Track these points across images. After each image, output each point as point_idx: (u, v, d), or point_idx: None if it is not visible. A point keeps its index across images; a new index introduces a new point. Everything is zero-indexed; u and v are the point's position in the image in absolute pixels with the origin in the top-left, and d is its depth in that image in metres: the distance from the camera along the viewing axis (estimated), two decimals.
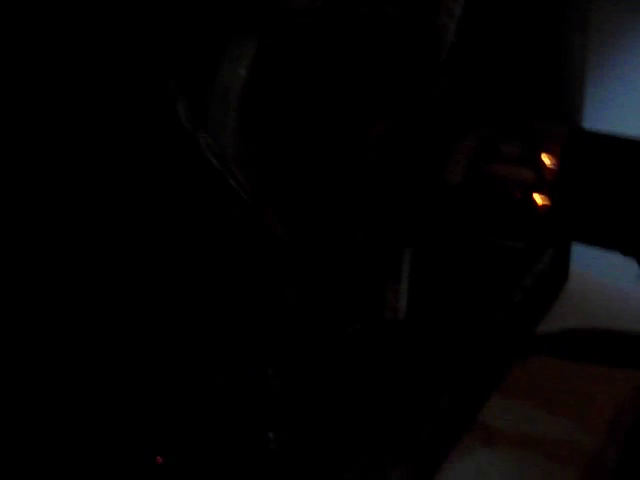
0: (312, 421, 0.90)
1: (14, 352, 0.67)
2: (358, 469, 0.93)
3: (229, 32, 0.79)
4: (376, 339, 0.86)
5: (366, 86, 0.79)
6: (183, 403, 0.81)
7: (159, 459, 0.80)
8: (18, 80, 0.66)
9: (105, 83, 0.73)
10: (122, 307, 0.74)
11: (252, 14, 0.79)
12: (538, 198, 0.77)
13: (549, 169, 0.76)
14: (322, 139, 0.78)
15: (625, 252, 0.75)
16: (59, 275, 0.70)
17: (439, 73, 0.78)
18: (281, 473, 0.87)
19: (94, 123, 0.73)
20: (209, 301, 0.79)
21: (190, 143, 0.76)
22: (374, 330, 0.86)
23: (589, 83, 1.18)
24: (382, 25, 0.78)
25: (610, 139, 0.78)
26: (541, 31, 0.96)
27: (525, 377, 1.19)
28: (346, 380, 0.91)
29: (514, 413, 1.14)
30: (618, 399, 1.17)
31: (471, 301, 1.03)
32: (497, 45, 0.88)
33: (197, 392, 0.82)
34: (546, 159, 0.77)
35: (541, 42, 0.96)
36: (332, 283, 0.84)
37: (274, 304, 0.84)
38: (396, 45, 0.79)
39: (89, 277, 0.72)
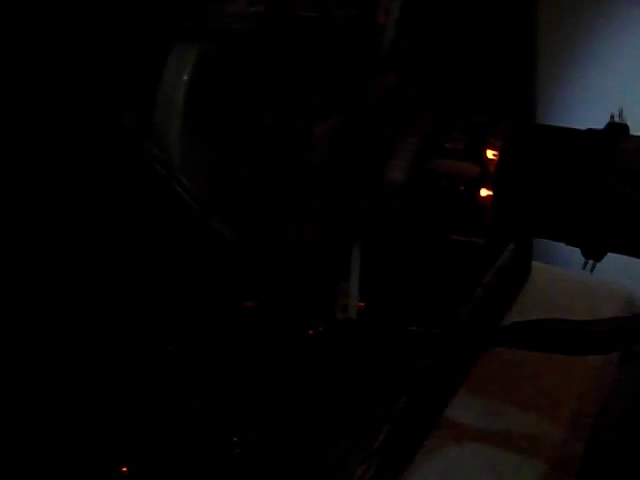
0: (276, 422, 0.90)
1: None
2: (324, 468, 0.93)
3: (169, 40, 0.79)
4: (332, 339, 0.87)
5: (309, 86, 0.80)
6: (146, 410, 0.81)
7: (124, 469, 0.81)
8: None
9: (50, 94, 0.73)
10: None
11: (191, 21, 0.79)
12: (482, 192, 0.78)
13: (492, 163, 0.77)
14: (266, 141, 0.78)
15: (569, 242, 0.76)
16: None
17: (380, 71, 0.79)
18: (248, 477, 0.87)
19: (39, 132, 0.73)
20: (161, 306, 0.79)
21: (135, 151, 0.76)
22: (330, 330, 0.86)
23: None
24: (324, 26, 0.79)
25: (553, 130, 0.79)
26: (483, 24, 0.97)
27: (488, 371, 1.20)
28: (308, 380, 0.91)
29: (479, 407, 1.14)
30: (581, 388, 1.18)
31: (434, 297, 1.03)
32: (437, 41, 0.89)
33: (161, 399, 0.82)
34: (489, 153, 0.77)
35: (483, 36, 0.98)
36: (283, 285, 0.84)
37: (224, 308, 0.85)
38: (337, 45, 0.80)
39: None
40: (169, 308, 0.82)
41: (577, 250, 0.79)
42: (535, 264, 1.38)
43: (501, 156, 0.76)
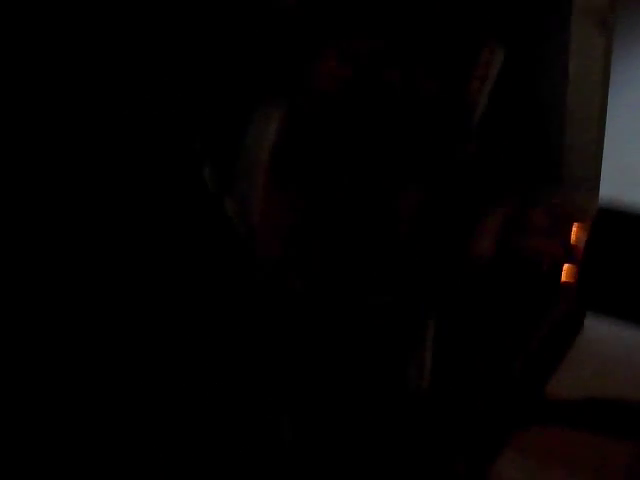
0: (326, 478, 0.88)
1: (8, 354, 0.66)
2: None
3: (256, 96, 0.78)
4: (397, 409, 0.84)
5: (397, 156, 0.78)
6: (185, 401, 0.79)
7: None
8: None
9: (133, 144, 0.72)
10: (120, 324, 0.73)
11: (280, 79, 0.78)
12: (566, 270, 0.76)
13: (578, 242, 0.76)
14: (352, 209, 0.77)
15: None
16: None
17: (471, 138, 0.77)
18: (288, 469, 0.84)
19: (121, 180, 0.72)
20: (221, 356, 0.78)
21: (216, 208, 0.75)
22: (394, 400, 0.84)
23: None
24: (414, 95, 0.77)
25: (636, 217, 0.77)
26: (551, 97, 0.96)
27: (540, 439, 1.18)
28: (364, 444, 0.89)
29: (530, 468, 1.13)
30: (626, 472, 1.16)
31: (489, 356, 1.02)
32: (513, 109, 0.88)
33: (212, 444, 0.80)
34: (575, 232, 0.76)
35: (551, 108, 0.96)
36: (351, 349, 0.83)
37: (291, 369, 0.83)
38: (428, 114, 0.78)
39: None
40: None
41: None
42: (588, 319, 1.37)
43: (589, 238, 0.74)
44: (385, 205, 0.76)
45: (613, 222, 0.77)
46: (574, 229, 0.77)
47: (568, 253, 0.77)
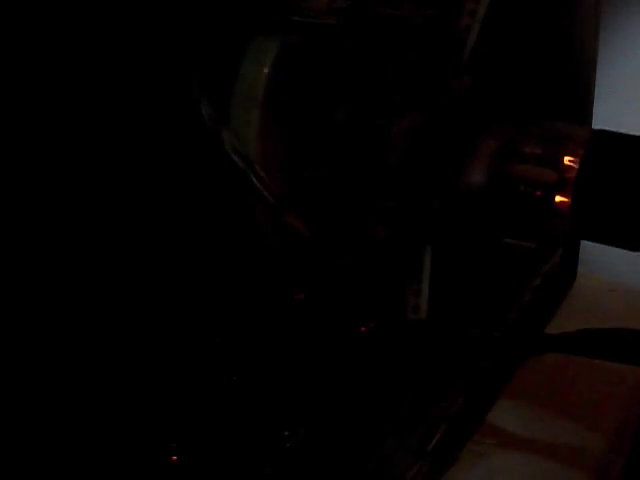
0: (328, 417, 0.89)
1: (16, 352, 0.66)
2: (373, 467, 0.93)
3: (250, 31, 0.79)
4: (392, 337, 0.86)
5: (388, 85, 0.79)
6: (196, 401, 0.80)
7: (174, 458, 0.80)
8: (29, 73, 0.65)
9: (128, 83, 0.73)
10: (134, 299, 0.73)
11: (274, 14, 0.78)
12: (559, 198, 0.77)
13: (571, 169, 0.77)
14: (343, 138, 0.78)
15: None
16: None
17: (461, 73, 0.78)
18: (299, 471, 0.86)
19: (116, 122, 0.72)
20: (223, 297, 0.79)
21: (213, 143, 0.76)
22: (391, 329, 0.86)
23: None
24: (404, 25, 0.78)
25: (631, 140, 0.78)
26: (555, 30, 0.97)
27: (534, 377, 1.19)
28: (361, 376, 0.91)
29: (524, 413, 1.13)
30: (626, 399, 1.17)
31: (482, 302, 1.03)
32: (514, 44, 0.88)
33: (211, 390, 0.82)
34: (568, 160, 0.77)
35: (555, 41, 0.97)
36: (350, 281, 0.84)
37: (286, 303, 0.84)
38: (419, 45, 0.79)
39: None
40: (220, 298, 0.81)
41: (622, 259, 0.79)
42: (580, 271, 1.38)
43: (582, 164, 0.75)
44: (378, 135, 0.77)
45: (607, 147, 0.78)
46: (567, 157, 0.78)
47: (561, 182, 0.78)
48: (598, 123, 0.97)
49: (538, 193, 0.77)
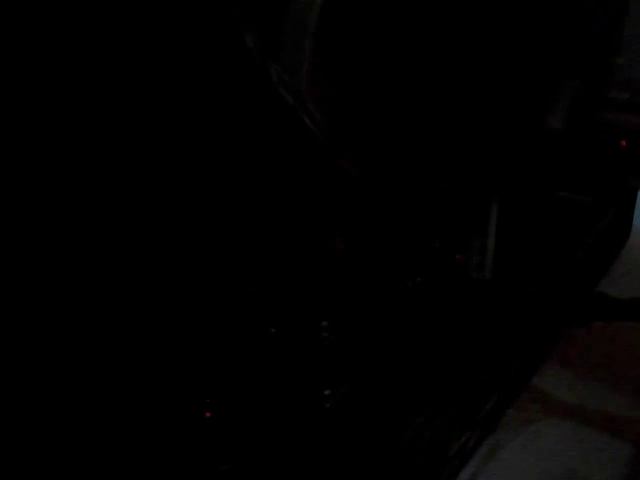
0: (370, 377, 0.84)
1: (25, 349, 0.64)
2: (417, 429, 0.87)
3: None
4: (441, 294, 0.79)
5: (456, 20, 0.70)
6: (235, 357, 0.76)
7: (208, 414, 0.77)
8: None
9: (168, 15, 0.67)
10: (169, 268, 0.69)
11: None
12: None
13: None
14: (406, 73, 0.69)
15: None
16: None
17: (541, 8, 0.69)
18: (338, 431, 0.82)
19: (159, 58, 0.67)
20: (263, 251, 0.73)
21: (261, 77, 0.69)
22: (436, 285, 0.79)
23: None
24: None
25: None
26: None
27: (582, 342, 1.14)
28: (406, 335, 0.85)
29: (572, 379, 1.10)
30: None
31: (535, 258, 0.96)
32: None
33: (250, 346, 0.77)
34: None
35: None
36: (397, 232, 0.77)
37: (330, 255, 0.78)
38: None
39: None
40: (259, 244, 0.75)
41: None
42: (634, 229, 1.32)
43: None
44: (447, 74, 0.69)
45: None
46: None
47: None
48: None
49: (623, 143, 0.69)
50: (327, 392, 0.81)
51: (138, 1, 0.63)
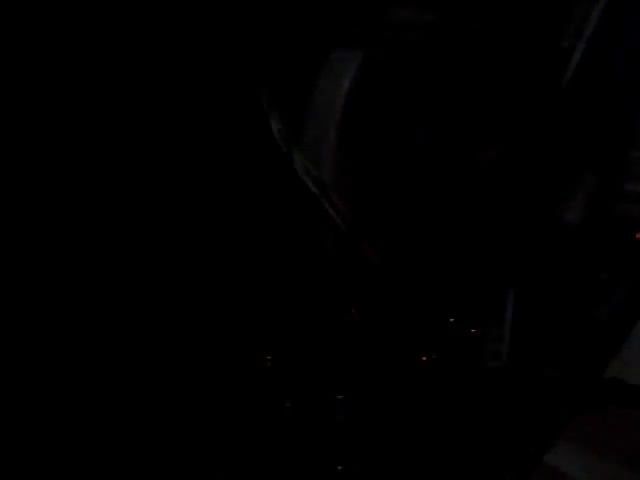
0: (382, 453, 0.84)
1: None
2: None
3: (330, 43, 0.73)
4: (455, 370, 0.79)
5: (479, 107, 0.72)
6: (250, 429, 0.76)
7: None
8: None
9: (194, 90, 0.68)
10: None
11: (357, 25, 0.72)
12: None
13: None
14: (429, 164, 0.71)
15: None
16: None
17: (561, 98, 0.70)
18: None
19: (183, 134, 0.68)
20: (280, 323, 0.74)
21: (284, 163, 0.70)
22: (451, 361, 0.79)
23: None
24: (499, 43, 0.71)
25: None
26: None
27: (601, 424, 1.13)
28: (419, 411, 0.85)
29: (586, 458, 1.08)
30: None
31: (556, 341, 0.97)
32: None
33: (265, 419, 0.77)
34: None
35: None
36: (413, 311, 0.77)
37: (347, 329, 0.79)
38: (514, 65, 0.72)
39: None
40: (278, 316, 0.76)
41: None
42: None
43: None
44: (464, 164, 0.70)
45: None
46: None
47: None
48: None
49: (638, 236, 0.70)
50: (339, 468, 0.81)
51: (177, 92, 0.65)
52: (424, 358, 0.83)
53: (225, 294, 0.73)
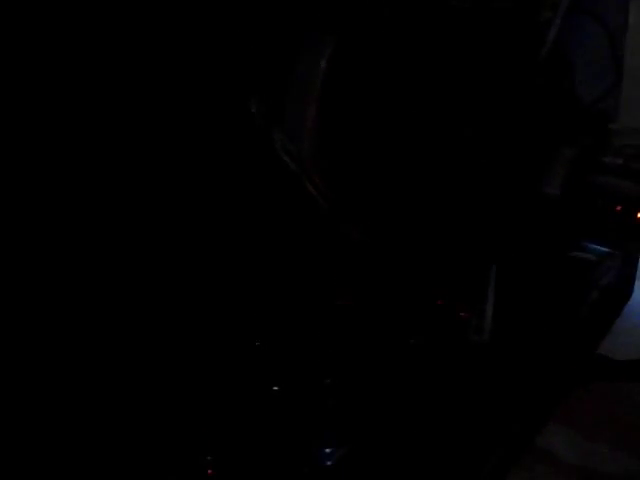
0: (371, 436, 0.84)
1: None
2: None
3: (306, 23, 0.73)
4: (445, 354, 0.80)
5: (456, 83, 0.72)
6: (237, 414, 0.76)
7: (210, 472, 0.77)
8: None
9: (174, 73, 0.68)
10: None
11: (332, 4, 0.72)
12: None
13: None
14: (408, 140, 0.71)
15: None
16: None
17: (538, 72, 0.71)
18: None
19: (166, 115, 0.68)
20: (268, 308, 0.74)
21: (264, 142, 0.70)
22: (438, 345, 0.80)
23: None
24: (479, 18, 0.71)
25: None
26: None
27: (586, 402, 1.15)
28: (408, 394, 0.85)
29: (575, 439, 1.09)
30: None
31: (540, 317, 0.97)
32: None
33: (253, 403, 0.77)
34: None
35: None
36: (401, 292, 0.78)
37: (333, 313, 0.79)
38: (491, 39, 0.72)
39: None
40: (264, 301, 0.76)
41: None
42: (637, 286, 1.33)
43: None
44: (446, 141, 0.70)
45: None
46: None
47: None
48: None
49: (618, 208, 0.70)
50: (328, 450, 0.81)
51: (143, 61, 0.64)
52: (412, 341, 0.84)
53: (211, 277, 0.73)
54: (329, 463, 0.82)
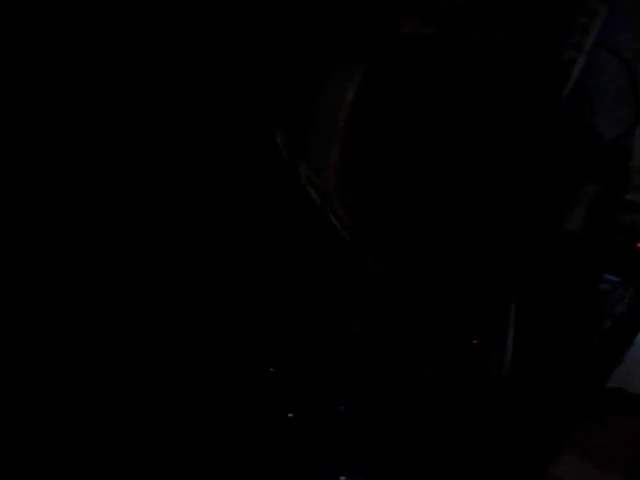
0: (385, 463, 0.84)
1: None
2: None
3: (332, 56, 0.73)
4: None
5: (481, 119, 0.73)
6: (252, 439, 0.76)
7: None
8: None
9: (200, 101, 0.69)
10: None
11: (360, 38, 0.73)
12: None
13: None
14: (432, 176, 0.72)
15: None
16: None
17: (562, 110, 0.71)
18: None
19: (191, 147, 0.69)
20: (284, 334, 0.74)
21: (288, 175, 0.71)
22: (449, 372, 0.80)
23: None
24: (503, 55, 0.72)
25: None
26: None
27: (602, 436, 1.13)
28: (423, 423, 0.85)
29: (589, 469, 1.08)
30: None
31: (554, 345, 0.97)
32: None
33: (267, 429, 0.77)
34: None
35: None
36: (416, 323, 0.78)
37: (349, 340, 0.79)
38: (517, 77, 0.73)
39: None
40: (279, 327, 0.77)
41: None
42: None
43: None
44: (467, 176, 0.71)
45: None
46: None
47: None
48: None
49: (639, 245, 0.70)
50: (343, 478, 0.81)
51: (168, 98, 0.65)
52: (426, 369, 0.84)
53: (229, 303, 0.74)
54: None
